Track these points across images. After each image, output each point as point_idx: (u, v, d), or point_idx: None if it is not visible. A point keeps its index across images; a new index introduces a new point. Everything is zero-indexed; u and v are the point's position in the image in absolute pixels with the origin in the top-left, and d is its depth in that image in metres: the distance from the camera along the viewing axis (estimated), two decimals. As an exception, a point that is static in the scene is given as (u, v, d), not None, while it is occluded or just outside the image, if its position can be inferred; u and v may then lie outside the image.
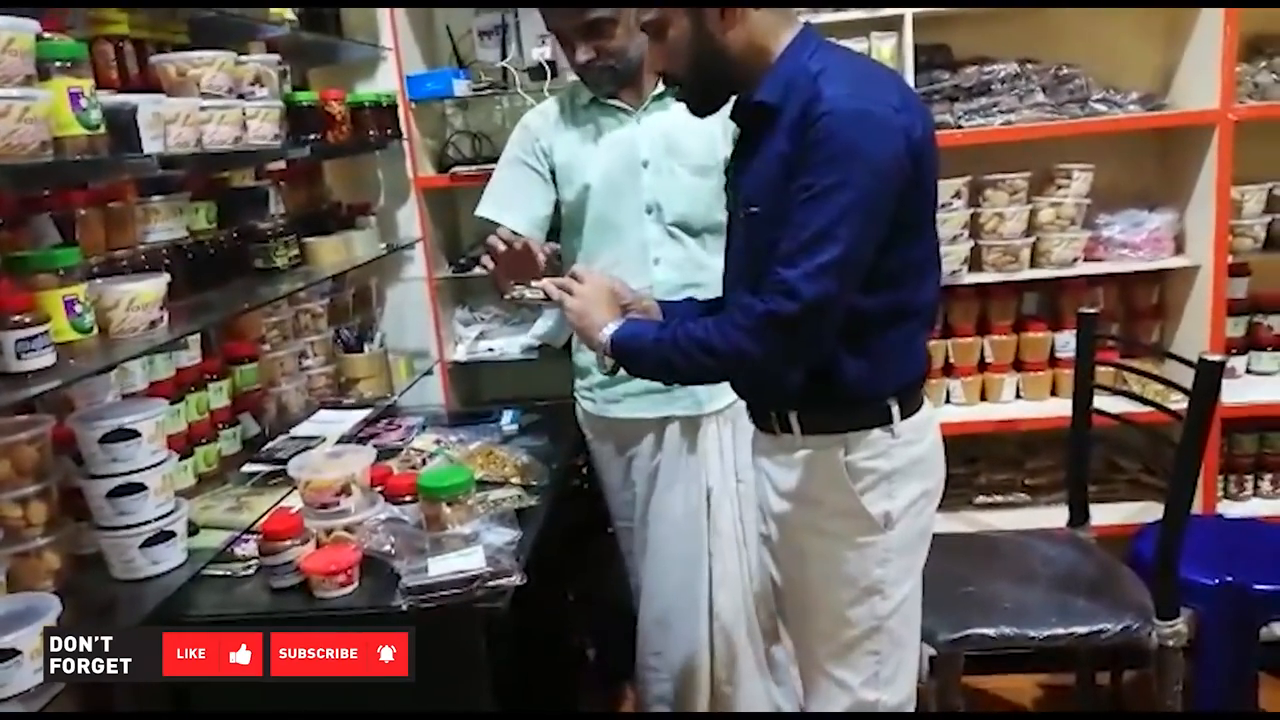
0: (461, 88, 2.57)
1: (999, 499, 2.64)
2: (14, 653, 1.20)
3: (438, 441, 2.13)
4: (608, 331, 1.45)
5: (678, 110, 1.89)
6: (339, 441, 2.04)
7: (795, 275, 1.27)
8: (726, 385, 1.86)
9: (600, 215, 2.01)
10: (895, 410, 1.44)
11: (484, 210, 2.08)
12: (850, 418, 1.44)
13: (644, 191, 1.98)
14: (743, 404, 1.63)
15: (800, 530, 1.52)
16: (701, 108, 1.48)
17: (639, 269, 1.97)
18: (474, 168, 2.61)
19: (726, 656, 2.09)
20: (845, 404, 1.44)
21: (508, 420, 2.39)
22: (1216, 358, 1.78)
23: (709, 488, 2.05)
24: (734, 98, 1.47)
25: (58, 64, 1.29)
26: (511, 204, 2.06)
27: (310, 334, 2.36)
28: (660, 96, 1.97)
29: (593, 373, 2.08)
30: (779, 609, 1.78)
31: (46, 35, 1.31)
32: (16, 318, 1.25)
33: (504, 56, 2.61)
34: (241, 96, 1.80)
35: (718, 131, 1.92)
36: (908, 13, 2.32)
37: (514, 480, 1.98)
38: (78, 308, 1.33)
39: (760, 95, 1.38)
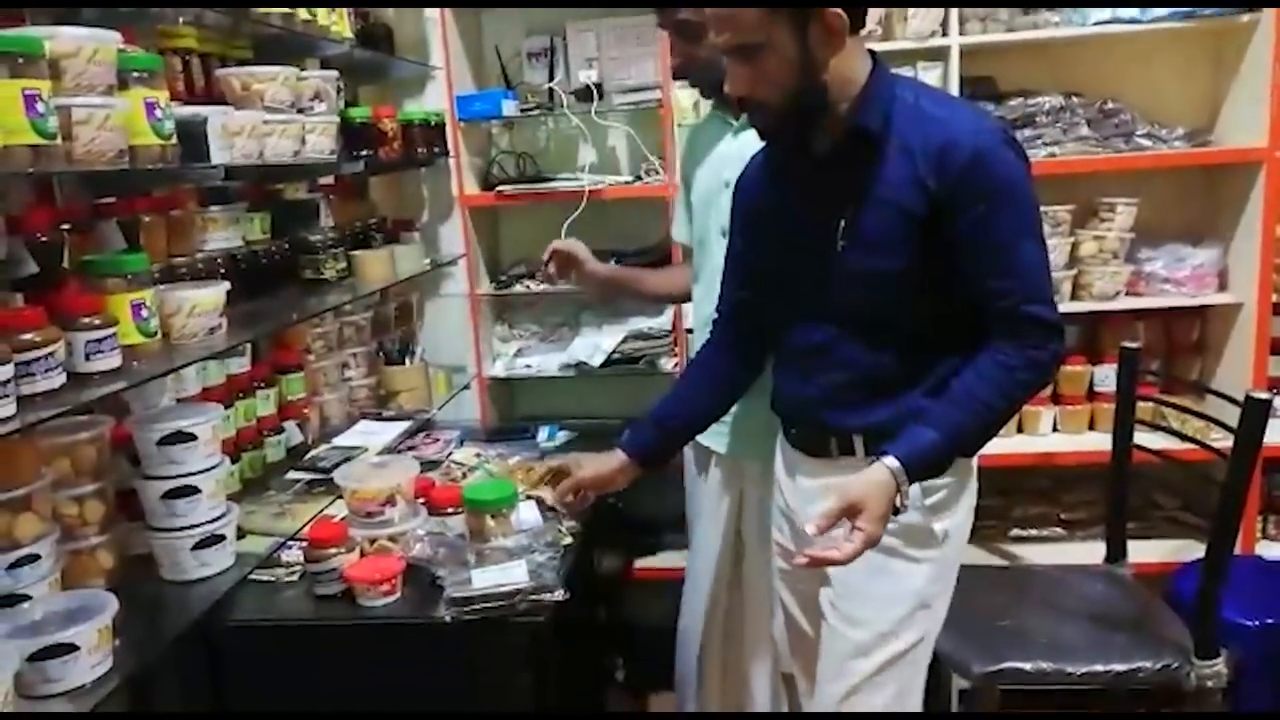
0: (509, 108, 2.60)
1: (1034, 533, 2.62)
2: (73, 648, 1.21)
3: (478, 455, 2.15)
4: (896, 467, 1.33)
5: None
6: (381, 453, 2.06)
7: (1049, 312, 1.36)
8: (733, 427, 1.83)
9: (698, 233, 1.98)
10: None
11: None
12: None
13: (723, 213, 1.89)
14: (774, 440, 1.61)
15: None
16: (780, 134, 1.44)
17: (710, 291, 1.89)
18: (518, 186, 2.64)
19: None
20: (912, 422, 1.41)
21: (544, 436, 2.41)
22: (1264, 395, 1.77)
23: (737, 531, 1.98)
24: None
25: (135, 74, 1.33)
26: (677, 217, 2.10)
27: (353, 346, 2.39)
28: None
29: None
30: (795, 649, 1.72)
31: (124, 47, 1.35)
32: (86, 319, 1.28)
33: (551, 78, 2.65)
34: (301, 111, 1.85)
35: None
36: (954, 43, 2.34)
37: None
38: (144, 312, 1.37)
39: (863, 120, 1.36)
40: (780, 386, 1.59)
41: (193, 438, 1.50)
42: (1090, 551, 2.36)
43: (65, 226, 1.44)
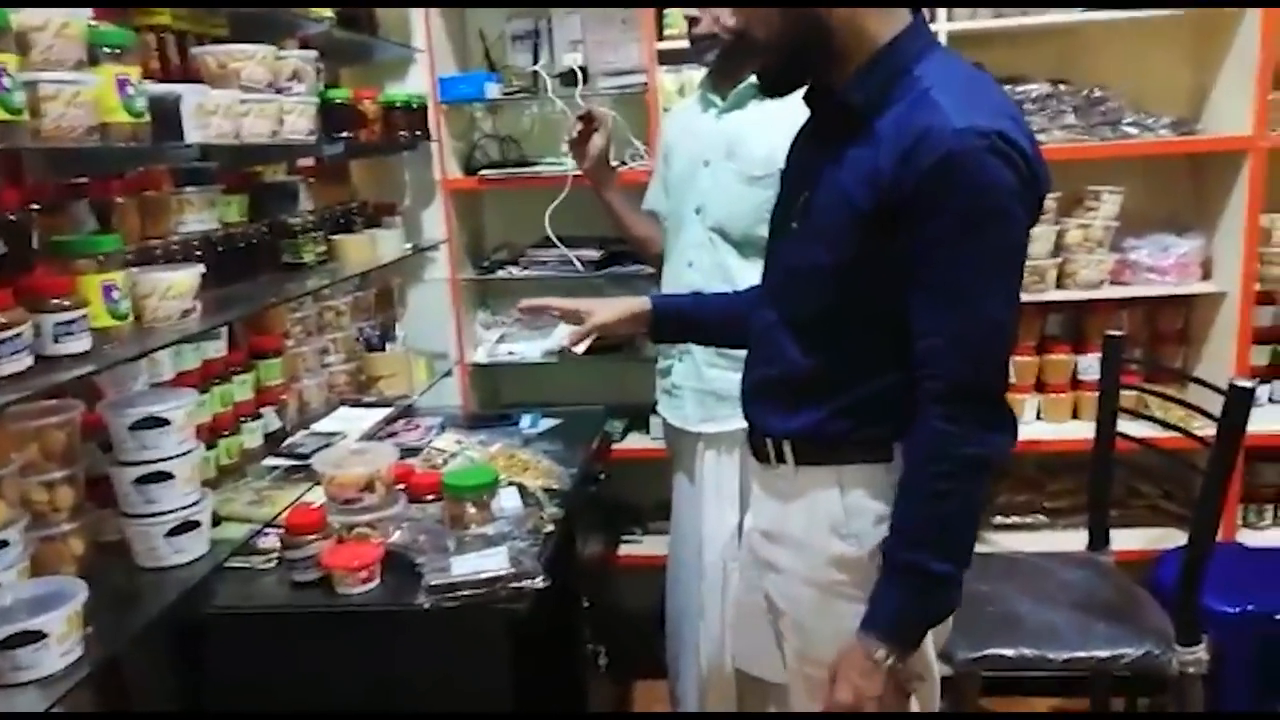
0: (493, 91, 2.57)
1: (1017, 520, 2.63)
2: (41, 635, 1.19)
3: (459, 442, 2.13)
4: (886, 657, 1.20)
5: (753, 112, 1.86)
6: (361, 439, 2.04)
7: (982, 377, 1.14)
8: (729, 404, 1.74)
9: (672, 208, 2.05)
10: (897, 449, 1.25)
11: None
12: (850, 450, 1.28)
13: (699, 192, 1.96)
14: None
15: (795, 581, 1.35)
16: (779, 84, 1.30)
17: (677, 270, 1.99)
18: (501, 171, 2.62)
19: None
20: (847, 437, 1.28)
21: (527, 423, 2.39)
22: (1247, 384, 1.77)
23: (702, 521, 2.01)
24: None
25: (107, 50, 1.29)
26: (651, 187, 2.18)
27: (333, 331, 2.36)
28: (741, 95, 1.92)
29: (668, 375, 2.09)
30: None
31: (95, 22, 1.32)
32: (55, 301, 1.25)
33: (535, 61, 2.62)
34: (279, 91, 1.81)
35: (780, 143, 1.66)
36: (942, 30, 2.33)
37: (535, 483, 1.98)
38: (115, 294, 1.34)
39: (846, 89, 1.21)
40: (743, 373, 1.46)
41: (166, 423, 1.46)
42: (1073, 539, 2.37)
43: (34, 207, 1.41)
